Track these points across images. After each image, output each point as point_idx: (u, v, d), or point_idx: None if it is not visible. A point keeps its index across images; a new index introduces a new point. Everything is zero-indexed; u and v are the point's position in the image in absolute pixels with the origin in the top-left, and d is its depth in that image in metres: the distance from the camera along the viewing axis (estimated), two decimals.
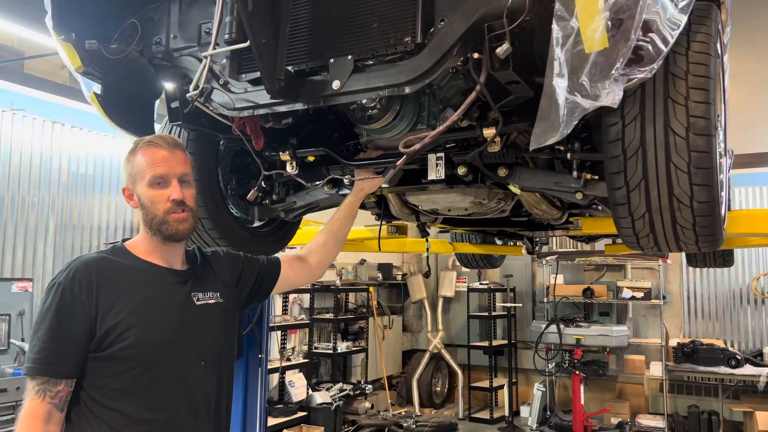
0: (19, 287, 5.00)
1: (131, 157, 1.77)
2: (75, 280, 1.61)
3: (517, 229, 4.15)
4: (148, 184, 1.73)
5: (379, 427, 7.54)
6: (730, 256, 5.28)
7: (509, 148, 2.23)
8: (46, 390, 1.54)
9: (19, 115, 5.59)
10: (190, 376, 1.71)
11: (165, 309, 1.72)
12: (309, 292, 7.89)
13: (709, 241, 1.89)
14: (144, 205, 1.75)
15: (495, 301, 9.42)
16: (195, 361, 1.73)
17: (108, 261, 1.70)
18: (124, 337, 1.60)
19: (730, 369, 7.51)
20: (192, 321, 1.76)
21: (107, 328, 1.59)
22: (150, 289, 1.72)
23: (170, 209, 1.73)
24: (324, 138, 2.47)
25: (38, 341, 1.57)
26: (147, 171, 1.74)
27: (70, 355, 1.57)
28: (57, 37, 2.04)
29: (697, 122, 1.69)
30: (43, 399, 1.54)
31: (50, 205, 5.83)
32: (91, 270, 1.65)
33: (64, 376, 1.57)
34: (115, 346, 1.59)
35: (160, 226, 1.74)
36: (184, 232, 1.77)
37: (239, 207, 2.73)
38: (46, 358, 1.55)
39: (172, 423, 1.66)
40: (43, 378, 1.55)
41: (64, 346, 1.57)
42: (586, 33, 1.45)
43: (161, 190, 1.73)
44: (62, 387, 1.56)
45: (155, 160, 1.74)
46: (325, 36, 1.83)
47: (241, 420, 4.43)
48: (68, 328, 1.57)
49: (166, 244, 1.78)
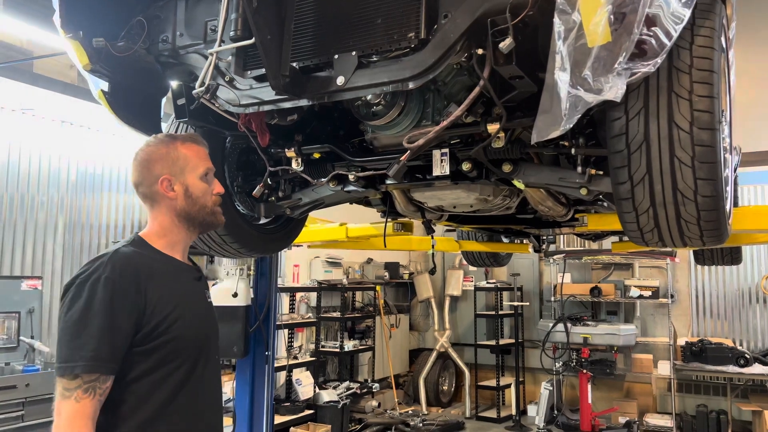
0: (28, 285, 5.05)
1: (170, 149, 1.77)
2: (123, 275, 1.58)
3: (523, 226, 4.15)
4: (199, 176, 1.79)
5: (386, 425, 7.55)
6: (738, 253, 5.25)
7: (514, 144, 2.23)
8: (96, 387, 1.50)
9: (29, 115, 5.63)
10: (212, 371, 1.76)
11: (195, 304, 1.76)
12: (316, 290, 7.92)
13: (714, 236, 1.88)
14: (191, 195, 1.77)
15: (502, 300, 9.40)
16: (214, 355, 1.79)
17: (143, 256, 1.69)
18: (171, 330, 1.61)
19: (739, 368, 7.46)
20: (210, 316, 1.83)
21: (156, 322, 1.60)
22: (182, 284, 1.75)
23: (216, 202, 1.84)
24: (329, 135, 2.48)
25: (90, 338, 1.51)
26: (199, 164, 1.80)
27: (120, 351, 1.55)
28: (65, 35, 2.06)
29: (701, 116, 1.69)
30: (93, 397, 1.49)
31: (59, 203, 5.88)
32: (136, 265, 1.63)
33: (114, 372, 1.54)
34: (160, 339, 1.60)
35: (206, 216, 1.81)
36: (222, 223, 1.89)
37: (245, 204, 2.74)
38: (101, 354, 1.50)
39: (198, 417, 1.69)
40: (95, 375, 1.50)
41: (116, 341, 1.54)
42: (589, 27, 1.45)
43: (208, 185, 1.82)
44: (109, 383, 1.53)
45: (202, 154, 1.82)
46: (329, 32, 1.84)
47: (248, 417, 4.46)
48: (120, 323, 1.55)
49: (193, 235, 1.84)
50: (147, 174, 1.76)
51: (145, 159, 1.77)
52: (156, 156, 1.77)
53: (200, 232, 1.89)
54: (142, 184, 1.78)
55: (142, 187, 1.78)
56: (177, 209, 1.76)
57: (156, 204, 1.77)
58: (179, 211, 1.77)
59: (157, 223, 1.78)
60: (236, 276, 4.38)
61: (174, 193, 1.76)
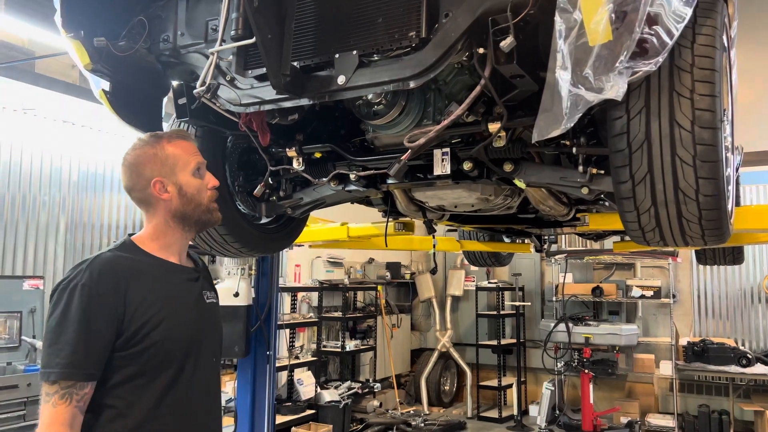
0: (30, 285, 5.06)
1: (156, 150, 1.74)
2: (100, 281, 1.57)
3: (524, 226, 4.14)
4: (191, 172, 1.75)
5: (387, 425, 7.55)
6: (740, 253, 5.24)
7: (515, 143, 2.23)
8: (72, 393, 1.50)
9: (30, 115, 5.64)
10: (205, 373, 1.74)
11: (185, 306, 1.73)
12: (317, 290, 7.92)
13: (716, 235, 1.88)
14: (186, 195, 1.74)
15: (503, 299, 9.40)
16: (209, 358, 1.76)
17: (126, 259, 1.67)
18: (153, 334, 1.60)
19: (741, 368, 7.45)
20: (206, 318, 1.79)
21: (136, 327, 1.58)
22: (170, 286, 1.72)
23: (212, 197, 1.79)
24: (330, 134, 2.48)
25: (66, 344, 1.51)
26: (190, 160, 1.76)
27: (97, 357, 1.54)
28: (66, 35, 2.06)
29: (702, 115, 1.68)
30: (69, 403, 1.50)
31: (61, 203, 5.89)
32: (116, 270, 1.61)
33: (92, 379, 1.54)
34: (142, 344, 1.59)
35: (202, 215, 1.77)
36: (220, 220, 1.84)
37: (246, 203, 2.74)
38: (76, 361, 1.50)
39: (190, 419, 1.68)
40: (70, 382, 1.50)
41: (92, 347, 1.53)
42: (590, 25, 1.45)
43: (201, 180, 1.78)
44: (88, 389, 1.53)
45: (191, 150, 1.78)
46: (330, 31, 1.84)
47: (250, 417, 4.46)
48: (96, 329, 1.54)
49: (189, 236, 1.80)
50: (138, 178, 1.73)
51: (134, 163, 1.74)
52: (144, 159, 1.73)
53: (197, 231, 1.86)
54: (134, 188, 1.75)
55: (135, 191, 1.76)
56: (172, 210, 1.74)
57: (151, 207, 1.75)
58: (174, 211, 1.74)
59: (151, 226, 1.77)
60: (237, 276, 4.38)
61: (168, 194, 1.73)
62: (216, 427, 1.80)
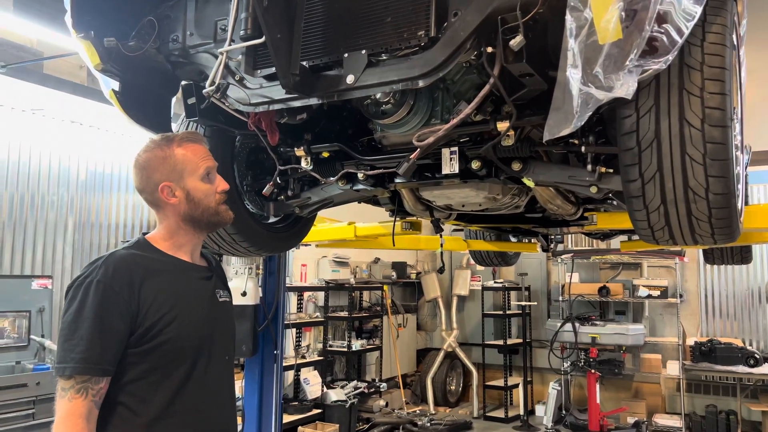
0: (38, 284, 5.07)
1: (165, 153, 1.75)
2: (115, 278, 1.59)
3: (531, 225, 4.14)
4: (200, 177, 1.76)
5: (393, 425, 7.55)
6: (748, 252, 5.22)
7: (523, 142, 2.22)
8: (88, 388, 1.53)
9: (39, 115, 5.67)
10: (218, 370, 1.75)
11: (198, 304, 1.74)
12: (324, 290, 7.93)
13: (725, 233, 1.87)
14: (194, 200, 1.75)
15: (510, 299, 9.39)
16: (221, 356, 1.78)
17: (140, 257, 1.69)
18: (166, 331, 1.62)
19: (749, 368, 7.42)
20: (218, 317, 1.80)
21: (150, 324, 1.60)
22: (183, 284, 1.73)
23: (221, 200, 1.81)
24: (338, 134, 2.48)
25: (81, 340, 1.53)
26: (199, 164, 1.76)
27: (112, 352, 1.57)
28: (76, 35, 2.07)
29: (712, 113, 1.68)
30: (86, 397, 1.52)
31: (69, 203, 5.92)
32: (130, 267, 1.64)
33: (107, 374, 1.56)
34: (155, 340, 1.61)
35: (211, 217, 1.79)
36: (231, 220, 1.86)
37: (255, 203, 2.75)
38: (91, 356, 1.53)
39: (203, 416, 1.69)
40: (86, 376, 1.53)
41: (108, 343, 1.55)
42: (600, 24, 1.45)
43: (211, 184, 1.79)
44: (103, 384, 1.56)
45: (201, 153, 1.78)
46: (339, 31, 1.84)
47: (257, 416, 4.48)
48: (111, 325, 1.56)
49: (201, 236, 1.82)
50: (147, 181, 1.75)
51: (144, 166, 1.76)
52: (154, 162, 1.75)
53: (208, 232, 1.89)
54: (144, 191, 1.78)
55: (145, 193, 1.78)
56: (181, 213, 1.76)
57: (160, 209, 1.78)
58: (183, 215, 1.76)
59: (162, 226, 1.79)
60: (245, 275, 4.40)
61: (176, 199, 1.75)
62: (230, 426, 1.81)
